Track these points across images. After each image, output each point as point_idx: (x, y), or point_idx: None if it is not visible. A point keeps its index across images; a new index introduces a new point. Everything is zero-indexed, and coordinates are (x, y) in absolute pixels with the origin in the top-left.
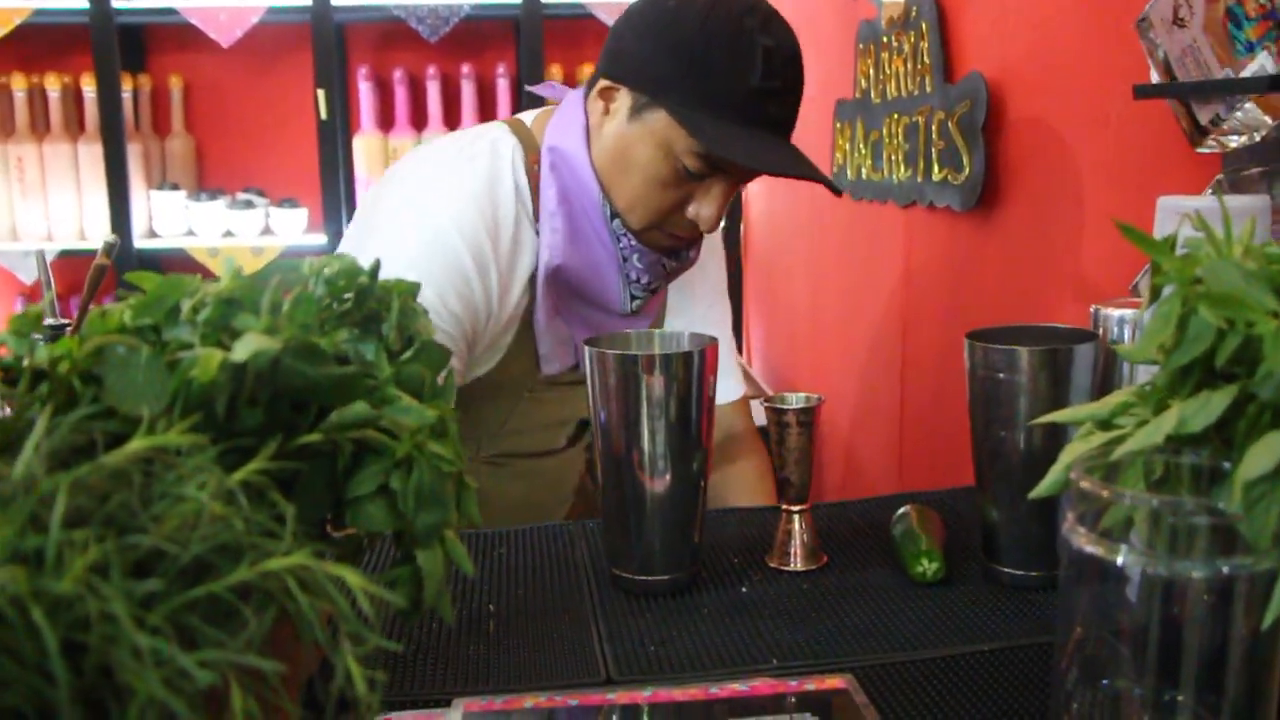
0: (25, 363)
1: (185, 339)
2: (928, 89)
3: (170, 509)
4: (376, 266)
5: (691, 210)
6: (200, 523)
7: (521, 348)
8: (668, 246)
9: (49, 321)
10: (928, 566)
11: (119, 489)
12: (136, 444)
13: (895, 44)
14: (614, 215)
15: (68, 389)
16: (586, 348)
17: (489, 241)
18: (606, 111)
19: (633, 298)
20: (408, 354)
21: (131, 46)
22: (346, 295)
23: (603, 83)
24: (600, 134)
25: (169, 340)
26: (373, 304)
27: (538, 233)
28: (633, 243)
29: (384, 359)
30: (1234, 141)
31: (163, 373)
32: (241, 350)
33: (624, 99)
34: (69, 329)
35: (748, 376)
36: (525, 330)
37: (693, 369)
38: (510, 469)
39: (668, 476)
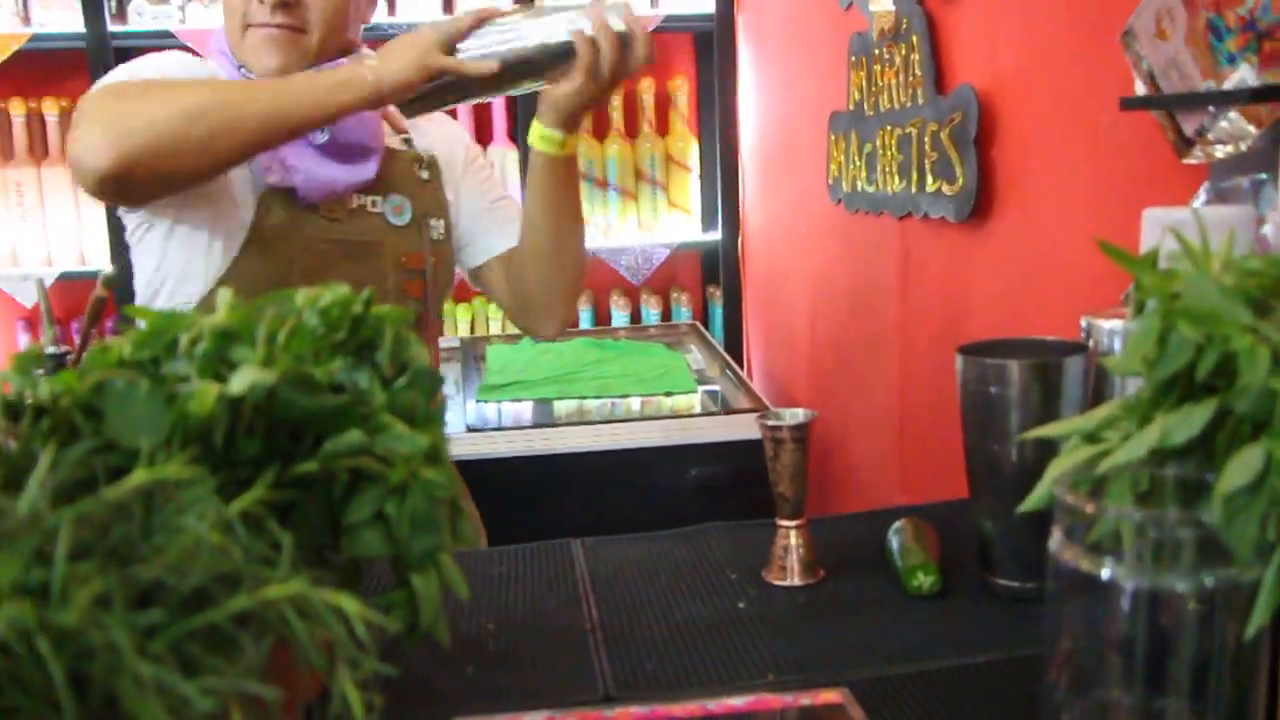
0: (28, 399)
1: (183, 372)
2: (920, 101)
3: (170, 540)
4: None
5: None
6: (200, 553)
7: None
8: (271, 43)
9: (50, 351)
10: (924, 580)
11: (120, 522)
12: (137, 477)
13: (887, 56)
14: (240, 65)
15: (69, 423)
16: None
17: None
18: None
19: None
20: (401, 381)
21: None
22: (340, 325)
23: None
24: None
25: (167, 374)
26: (366, 333)
27: None
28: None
29: (377, 387)
30: (1220, 151)
31: (161, 406)
32: (238, 383)
33: None
34: (69, 358)
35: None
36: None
37: None
38: None
39: None
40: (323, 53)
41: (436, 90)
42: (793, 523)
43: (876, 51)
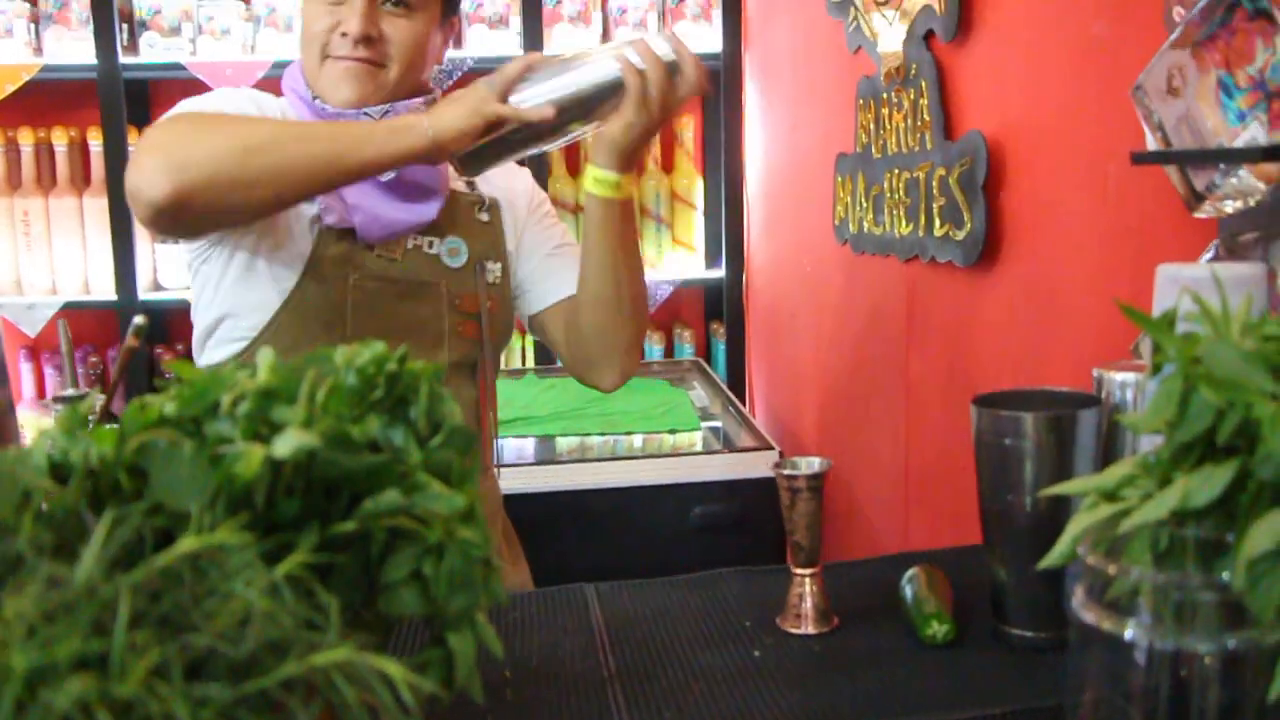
0: (74, 458)
1: (226, 433)
2: (928, 145)
3: (220, 606)
4: None
5: (340, 29)
6: (252, 620)
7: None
8: (349, 75)
9: (69, 392)
10: (938, 629)
11: (170, 588)
12: (187, 544)
13: (895, 100)
14: (315, 97)
15: (115, 484)
16: None
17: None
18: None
19: None
20: (436, 439)
21: (137, 101)
22: (376, 382)
23: None
24: None
25: (209, 434)
26: (401, 390)
27: None
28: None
29: (413, 444)
30: (1230, 207)
31: (206, 468)
32: (282, 446)
33: None
34: (87, 399)
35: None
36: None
37: None
38: None
39: None
40: (398, 88)
41: (493, 145)
42: (808, 571)
43: (884, 95)
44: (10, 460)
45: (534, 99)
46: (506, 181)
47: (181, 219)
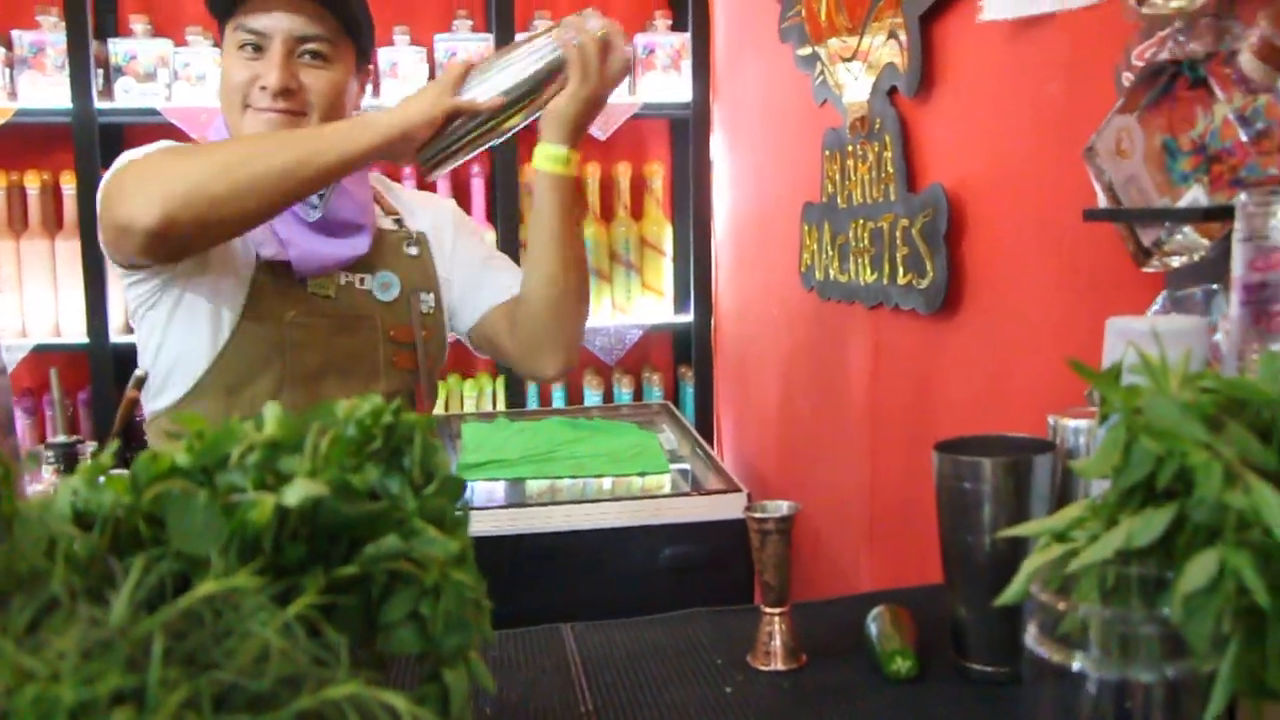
0: (96, 506)
1: (237, 483)
2: (891, 197)
3: (239, 645)
4: None
5: (259, 82)
6: (270, 656)
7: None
8: (270, 126)
9: (60, 439)
10: (901, 665)
11: (192, 628)
12: (209, 586)
13: (860, 152)
14: None
15: (134, 532)
16: None
17: None
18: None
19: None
20: (430, 487)
21: (111, 144)
22: (374, 433)
23: None
24: None
25: (221, 484)
26: (397, 440)
27: None
28: None
29: (409, 492)
30: (1175, 261)
31: (219, 516)
32: (293, 495)
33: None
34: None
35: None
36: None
37: None
38: None
39: None
40: None
41: (451, 140)
42: (777, 610)
43: (850, 147)
44: (37, 509)
45: (483, 92)
46: (432, 216)
47: (172, 241)
